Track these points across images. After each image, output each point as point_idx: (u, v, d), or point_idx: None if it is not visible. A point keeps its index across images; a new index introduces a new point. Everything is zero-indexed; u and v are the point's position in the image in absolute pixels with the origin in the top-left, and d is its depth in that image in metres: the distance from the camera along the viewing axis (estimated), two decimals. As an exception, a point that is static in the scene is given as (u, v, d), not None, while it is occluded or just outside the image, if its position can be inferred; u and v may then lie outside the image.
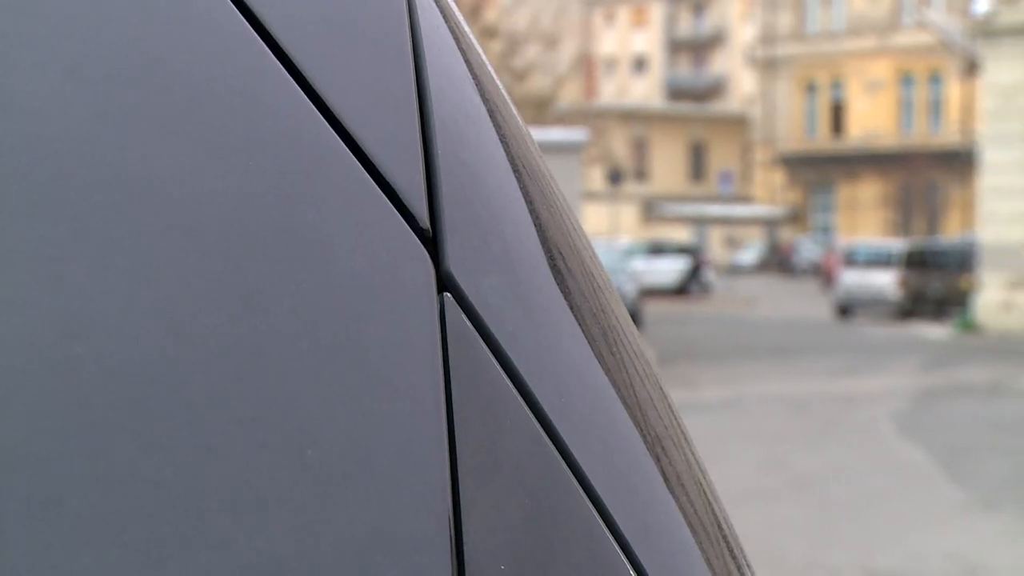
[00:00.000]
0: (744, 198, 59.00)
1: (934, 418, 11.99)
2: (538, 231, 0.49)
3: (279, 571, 0.37)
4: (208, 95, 0.42)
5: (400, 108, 0.45)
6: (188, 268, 0.39)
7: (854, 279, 26.41)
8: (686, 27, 69.36)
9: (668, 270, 34.70)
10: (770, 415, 12.14)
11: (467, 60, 0.51)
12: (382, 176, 0.44)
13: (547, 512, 0.43)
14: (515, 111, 0.55)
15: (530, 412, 0.44)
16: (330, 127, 0.43)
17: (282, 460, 0.38)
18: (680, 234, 50.66)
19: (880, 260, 26.52)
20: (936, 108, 51.58)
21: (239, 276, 0.40)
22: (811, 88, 54.96)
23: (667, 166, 60.64)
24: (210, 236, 0.40)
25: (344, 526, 0.38)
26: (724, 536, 0.55)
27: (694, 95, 68.61)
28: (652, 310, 24.93)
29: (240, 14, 0.43)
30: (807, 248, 50.16)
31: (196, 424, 0.38)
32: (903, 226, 48.82)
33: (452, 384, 0.42)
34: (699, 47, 69.49)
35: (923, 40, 46.58)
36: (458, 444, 0.41)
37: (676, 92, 68.62)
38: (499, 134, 0.50)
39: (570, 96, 46.83)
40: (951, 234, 41.49)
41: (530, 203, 0.50)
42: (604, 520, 0.45)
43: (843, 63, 53.49)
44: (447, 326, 0.43)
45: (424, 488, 0.40)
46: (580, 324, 0.49)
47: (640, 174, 58.89)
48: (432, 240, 0.44)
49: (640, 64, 69.48)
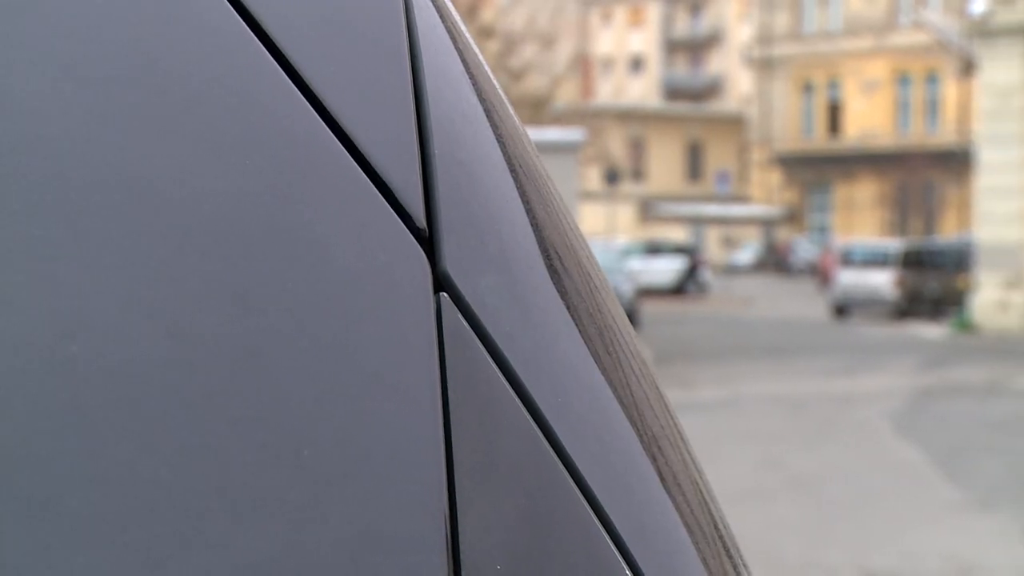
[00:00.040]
0: (741, 198, 58.99)
1: (931, 418, 12.00)
2: (535, 231, 0.49)
3: (275, 570, 0.37)
4: (204, 95, 0.42)
5: (396, 108, 0.45)
6: (184, 268, 0.39)
7: (851, 279, 26.42)
8: (683, 27, 69.38)
9: (665, 270, 34.70)
10: (767, 415, 12.14)
11: (464, 60, 0.51)
12: (378, 176, 0.44)
13: (543, 512, 0.43)
14: (512, 111, 0.55)
15: (526, 412, 0.44)
16: (326, 127, 0.43)
17: (279, 459, 0.38)
18: (677, 234, 50.61)
19: (877, 260, 26.53)
20: (933, 108, 51.59)
21: (235, 276, 0.40)
22: (808, 88, 54.97)
23: (664, 166, 60.63)
24: (206, 236, 0.40)
25: (340, 525, 0.38)
26: (720, 536, 0.55)
27: (691, 95, 68.61)
28: (649, 310, 24.93)
29: (237, 14, 0.43)
30: (804, 248, 50.15)
31: (192, 423, 0.38)
32: (900, 226, 48.89)
33: (448, 384, 0.42)
34: (696, 47, 69.50)
35: (920, 40, 46.60)
36: (454, 444, 0.41)
37: (673, 92, 68.62)
38: (496, 134, 0.50)
39: (567, 96, 46.78)
40: (948, 234, 41.50)
41: (527, 203, 0.50)
42: (600, 520, 0.45)
43: (840, 63, 53.49)
44: (443, 326, 0.43)
45: (420, 488, 0.40)
46: (577, 324, 0.49)
47: (637, 174, 58.87)
48: (428, 240, 0.44)
49: (637, 64, 69.48)
